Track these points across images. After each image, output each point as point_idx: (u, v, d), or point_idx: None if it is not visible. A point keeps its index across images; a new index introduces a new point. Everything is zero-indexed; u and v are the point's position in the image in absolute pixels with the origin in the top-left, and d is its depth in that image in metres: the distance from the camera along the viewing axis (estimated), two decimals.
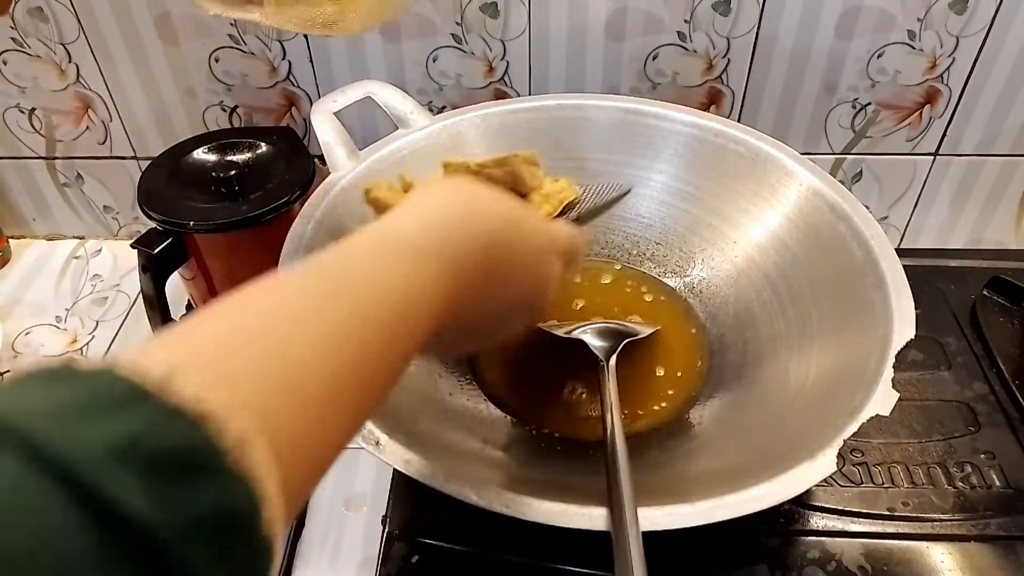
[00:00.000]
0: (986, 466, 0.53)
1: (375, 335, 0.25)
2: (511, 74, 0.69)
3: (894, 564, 0.48)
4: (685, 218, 0.61)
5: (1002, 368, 0.59)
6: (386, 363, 0.25)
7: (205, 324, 0.21)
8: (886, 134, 0.72)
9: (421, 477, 0.37)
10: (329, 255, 0.26)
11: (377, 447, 0.39)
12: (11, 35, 0.68)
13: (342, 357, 0.23)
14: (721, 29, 0.65)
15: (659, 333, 0.56)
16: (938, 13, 0.63)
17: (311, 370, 0.21)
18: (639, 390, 0.53)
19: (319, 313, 0.23)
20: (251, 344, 0.21)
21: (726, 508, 0.36)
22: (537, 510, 0.36)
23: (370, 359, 0.24)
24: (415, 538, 0.50)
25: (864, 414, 0.40)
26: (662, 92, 0.69)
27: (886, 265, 0.48)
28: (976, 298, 0.66)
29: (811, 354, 0.49)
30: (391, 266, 0.27)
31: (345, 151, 0.57)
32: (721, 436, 0.49)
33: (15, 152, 0.76)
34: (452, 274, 0.28)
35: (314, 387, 0.21)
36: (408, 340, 0.27)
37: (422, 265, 0.27)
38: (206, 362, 0.19)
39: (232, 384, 0.19)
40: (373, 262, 0.27)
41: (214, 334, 0.21)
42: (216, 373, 0.19)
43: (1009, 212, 0.77)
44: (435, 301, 0.28)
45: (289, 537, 0.56)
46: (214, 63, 0.69)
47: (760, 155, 0.58)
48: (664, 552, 0.36)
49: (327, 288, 0.24)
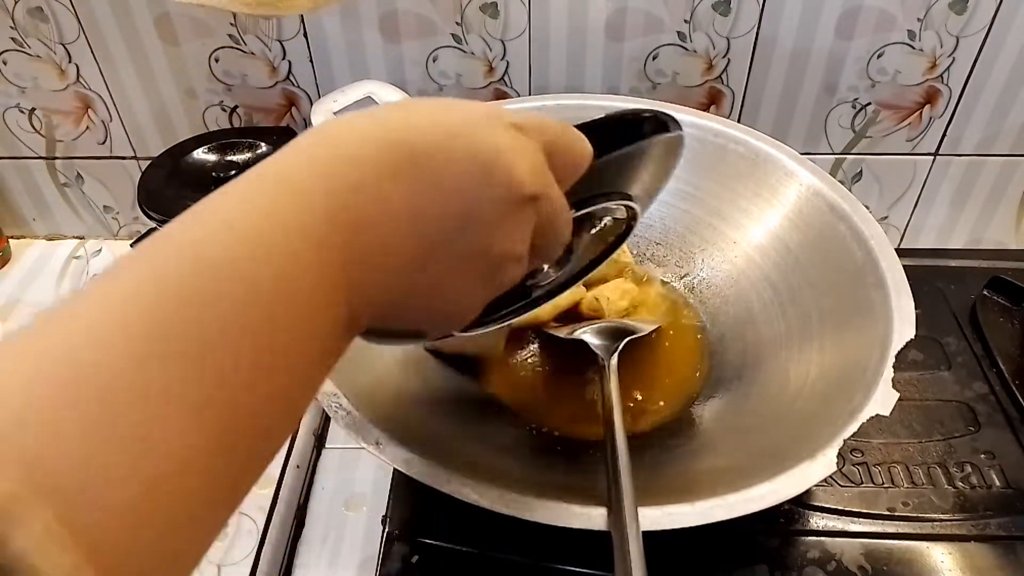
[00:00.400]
0: (986, 466, 0.53)
1: (249, 372, 0.17)
2: (511, 74, 0.69)
3: (894, 564, 0.48)
4: (685, 218, 0.61)
5: (1002, 368, 0.59)
6: (278, 397, 0.18)
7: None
8: (886, 134, 0.72)
9: (421, 477, 0.37)
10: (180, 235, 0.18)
11: (377, 447, 0.39)
12: (11, 35, 0.68)
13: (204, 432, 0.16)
14: (721, 29, 0.65)
15: (660, 331, 0.56)
16: (938, 13, 0.63)
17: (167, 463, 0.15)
18: (640, 389, 0.53)
19: (166, 376, 0.16)
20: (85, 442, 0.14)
21: (726, 508, 0.36)
22: (537, 510, 0.36)
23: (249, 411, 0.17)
24: (415, 538, 0.50)
25: (864, 414, 0.40)
26: (662, 92, 0.69)
27: (886, 265, 0.48)
28: (976, 298, 0.66)
29: (811, 354, 0.49)
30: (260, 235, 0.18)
31: None
32: (721, 436, 0.49)
33: (15, 152, 0.76)
34: (350, 207, 0.20)
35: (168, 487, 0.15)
36: (309, 343, 0.19)
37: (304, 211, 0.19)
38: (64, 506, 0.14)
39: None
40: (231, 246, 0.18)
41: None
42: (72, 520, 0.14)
43: (1009, 212, 0.77)
44: (330, 264, 0.20)
45: (289, 537, 0.56)
46: (214, 63, 0.69)
47: (760, 155, 0.58)
48: (664, 552, 0.36)
49: (173, 330, 0.16)
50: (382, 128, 0.22)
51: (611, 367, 0.48)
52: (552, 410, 0.52)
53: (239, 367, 0.16)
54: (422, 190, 0.22)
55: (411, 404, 0.49)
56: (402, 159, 0.22)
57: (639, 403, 0.52)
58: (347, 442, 0.62)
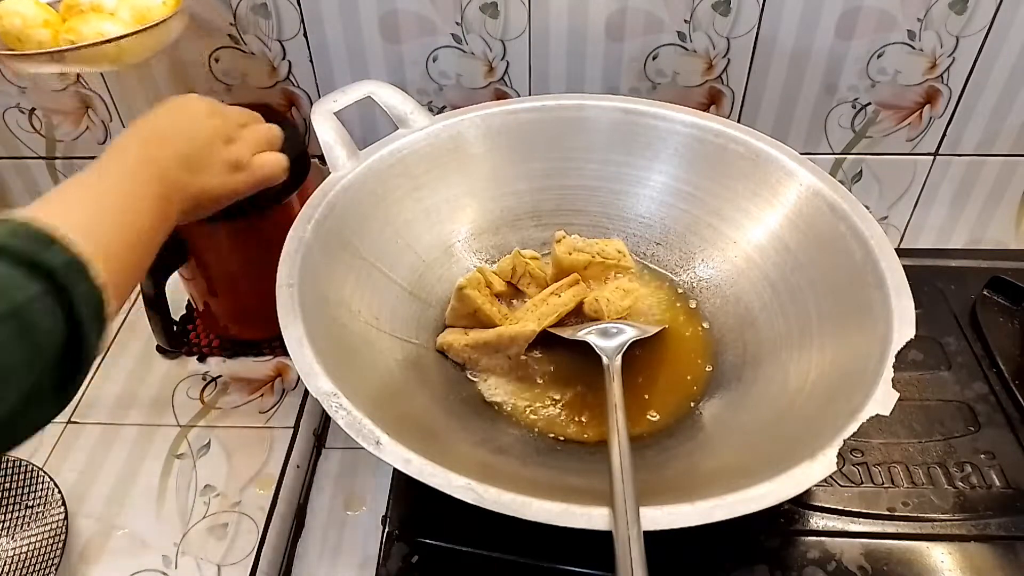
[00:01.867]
0: (986, 466, 0.53)
1: (148, 206, 0.42)
2: (511, 74, 0.69)
3: (894, 564, 0.48)
4: (685, 218, 0.61)
5: (1002, 368, 0.59)
6: (158, 220, 0.42)
7: (73, 198, 0.39)
8: (886, 134, 0.72)
9: (421, 477, 0.37)
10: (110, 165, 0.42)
11: (377, 447, 0.39)
12: None
13: (138, 222, 0.41)
14: (721, 29, 0.65)
15: (664, 332, 0.56)
16: (938, 13, 0.64)
17: (128, 229, 0.40)
18: (641, 389, 0.53)
19: (124, 200, 0.41)
20: (100, 215, 0.39)
21: (726, 508, 0.36)
22: (537, 510, 0.36)
23: (149, 220, 0.42)
24: (415, 538, 0.50)
25: (864, 414, 0.40)
26: (662, 92, 0.69)
27: (886, 265, 0.48)
28: (976, 298, 0.66)
29: (811, 354, 0.49)
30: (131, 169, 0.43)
31: (345, 151, 0.57)
32: (721, 436, 0.49)
33: (15, 152, 0.76)
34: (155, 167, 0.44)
35: (129, 236, 0.40)
36: (162, 204, 0.43)
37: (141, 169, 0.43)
38: (79, 226, 0.36)
39: (93, 239, 0.36)
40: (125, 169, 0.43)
41: (80, 208, 0.39)
42: (83, 232, 0.35)
43: (1009, 212, 0.77)
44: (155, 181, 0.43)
45: (289, 537, 0.56)
46: (214, 63, 0.69)
47: (760, 155, 0.58)
48: (664, 552, 0.36)
49: (124, 187, 0.41)
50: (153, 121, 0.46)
51: (614, 368, 0.48)
52: (554, 411, 0.52)
53: (139, 211, 0.41)
54: (177, 146, 0.45)
55: (411, 404, 0.49)
56: (159, 137, 0.45)
57: (641, 403, 0.52)
58: (347, 442, 0.62)
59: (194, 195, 0.45)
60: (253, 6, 0.65)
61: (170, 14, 0.58)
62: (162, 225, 0.43)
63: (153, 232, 0.42)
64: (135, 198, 0.41)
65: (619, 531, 0.35)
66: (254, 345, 0.69)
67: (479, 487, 0.37)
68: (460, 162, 0.61)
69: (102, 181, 0.41)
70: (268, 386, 0.66)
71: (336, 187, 0.54)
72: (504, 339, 0.53)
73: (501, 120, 0.62)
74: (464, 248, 0.61)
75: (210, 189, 0.46)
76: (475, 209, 0.62)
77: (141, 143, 0.44)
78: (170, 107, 0.47)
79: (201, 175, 0.45)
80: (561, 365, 0.55)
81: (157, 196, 0.42)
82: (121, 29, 0.55)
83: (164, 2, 0.59)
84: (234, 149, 0.48)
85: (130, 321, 0.73)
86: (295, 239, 0.50)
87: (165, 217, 0.43)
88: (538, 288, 0.58)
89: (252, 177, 0.49)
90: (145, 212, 0.41)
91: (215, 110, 0.49)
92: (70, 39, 0.55)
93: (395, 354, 0.52)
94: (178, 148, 0.44)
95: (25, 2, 0.56)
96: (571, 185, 0.63)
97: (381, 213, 0.57)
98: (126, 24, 0.57)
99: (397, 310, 0.55)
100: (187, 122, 0.47)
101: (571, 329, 0.54)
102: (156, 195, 0.42)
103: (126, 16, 0.58)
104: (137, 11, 0.58)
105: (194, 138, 0.46)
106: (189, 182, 0.45)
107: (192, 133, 0.46)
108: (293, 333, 0.44)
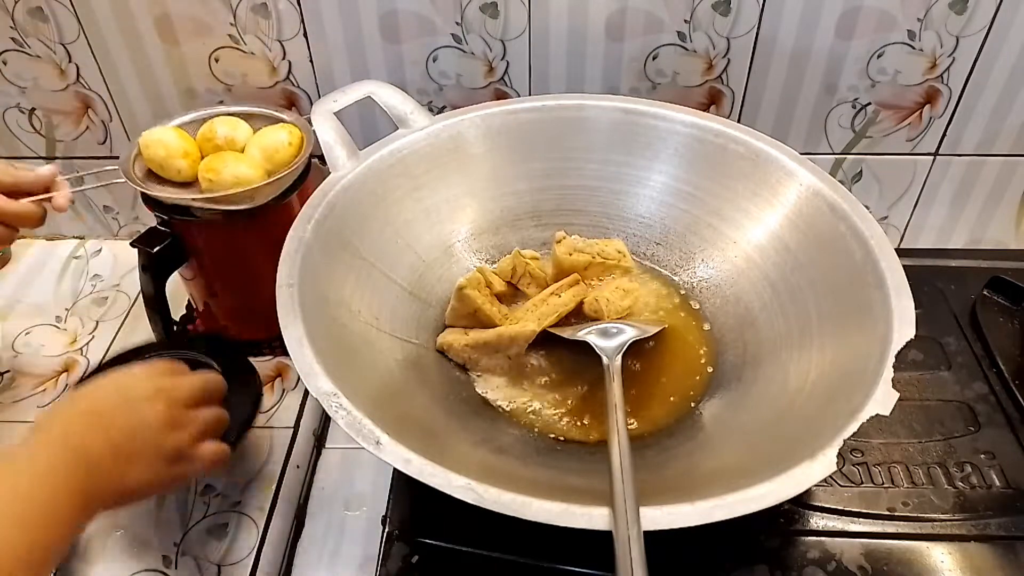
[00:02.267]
0: (986, 466, 0.53)
1: (66, 502, 0.38)
2: (511, 74, 0.69)
3: (894, 564, 0.48)
4: (685, 218, 0.61)
5: (1002, 368, 0.59)
6: (75, 518, 0.39)
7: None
8: (886, 134, 0.72)
9: (421, 477, 0.37)
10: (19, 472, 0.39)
11: (377, 447, 0.39)
12: (11, 35, 0.68)
13: (52, 523, 0.37)
14: (721, 29, 0.65)
15: (664, 332, 0.56)
16: (938, 13, 0.64)
17: (36, 528, 0.36)
18: (643, 389, 0.53)
19: (42, 496, 0.37)
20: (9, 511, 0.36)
21: (726, 508, 0.36)
22: (537, 510, 0.36)
23: (68, 515, 0.38)
24: (415, 538, 0.50)
25: (864, 414, 0.40)
26: (662, 92, 0.69)
27: (886, 265, 0.48)
28: (976, 298, 0.66)
29: (811, 354, 0.49)
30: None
31: (345, 151, 0.57)
32: (721, 436, 0.49)
33: (15, 152, 0.76)
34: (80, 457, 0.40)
35: (36, 536, 0.36)
36: (83, 500, 0.39)
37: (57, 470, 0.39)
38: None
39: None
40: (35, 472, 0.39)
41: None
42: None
43: (1009, 212, 0.77)
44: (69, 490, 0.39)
45: (289, 537, 0.56)
46: (214, 63, 0.69)
47: (760, 155, 0.58)
48: (664, 552, 0.36)
49: (45, 482, 0.38)
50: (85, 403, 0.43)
51: (615, 368, 0.48)
52: (554, 411, 0.52)
53: (56, 511, 0.38)
54: (111, 435, 0.41)
55: (411, 404, 0.49)
56: (96, 421, 0.42)
57: (640, 403, 0.52)
58: (347, 442, 0.62)
59: (121, 491, 0.42)
60: (253, 6, 0.65)
61: (298, 161, 0.60)
62: (80, 521, 0.39)
63: (68, 530, 0.38)
64: (54, 493, 0.38)
65: (619, 531, 0.35)
66: (254, 345, 0.69)
67: (479, 487, 0.37)
68: (460, 162, 0.61)
69: (27, 468, 0.38)
70: (268, 386, 0.66)
71: (336, 187, 0.54)
72: (504, 339, 0.53)
73: (501, 120, 0.62)
74: (464, 248, 0.61)
75: (141, 484, 0.42)
76: (475, 209, 0.62)
77: (76, 418, 0.41)
78: (116, 384, 0.44)
79: (133, 467, 0.42)
80: (561, 365, 0.55)
81: (80, 492, 0.39)
82: (253, 172, 0.58)
83: (290, 142, 0.60)
84: (175, 437, 0.44)
85: (130, 321, 0.73)
86: (295, 239, 0.50)
87: (86, 513, 0.39)
88: (538, 288, 0.58)
89: (189, 469, 0.45)
90: (64, 507, 0.38)
91: (160, 390, 0.45)
92: (209, 178, 0.57)
93: (395, 354, 0.52)
94: (112, 437, 0.41)
95: (168, 132, 0.60)
96: (571, 185, 0.63)
97: (381, 213, 0.57)
98: (256, 163, 0.59)
99: (397, 310, 0.55)
100: (127, 407, 0.43)
101: (571, 329, 0.54)
102: (79, 491, 0.39)
103: (255, 154, 0.60)
104: (265, 151, 0.60)
105: (133, 427, 0.42)
106: (120, 476, 0.41)
107: (132, 421, 0.42)
108: (293, 333, 0.44)
